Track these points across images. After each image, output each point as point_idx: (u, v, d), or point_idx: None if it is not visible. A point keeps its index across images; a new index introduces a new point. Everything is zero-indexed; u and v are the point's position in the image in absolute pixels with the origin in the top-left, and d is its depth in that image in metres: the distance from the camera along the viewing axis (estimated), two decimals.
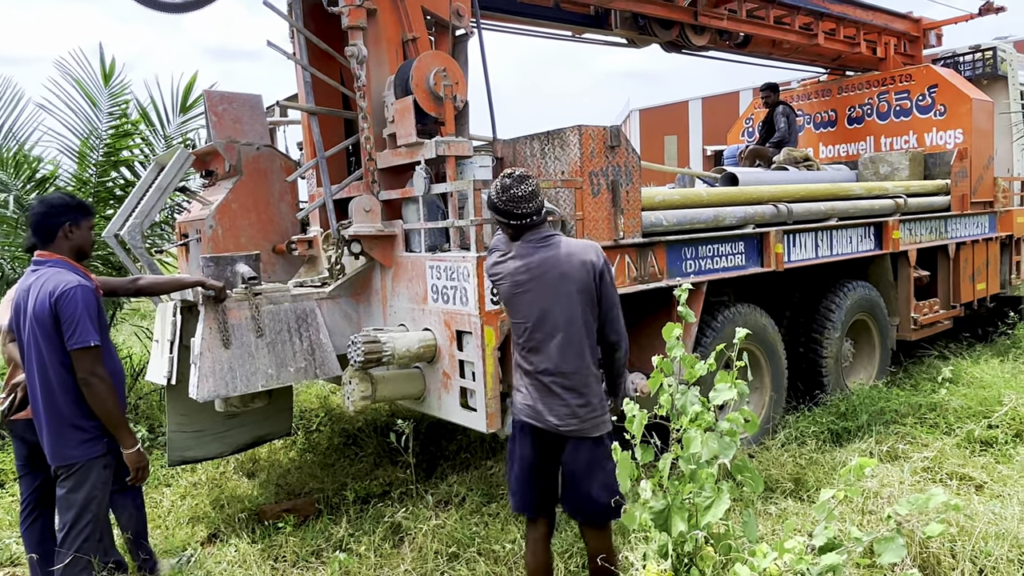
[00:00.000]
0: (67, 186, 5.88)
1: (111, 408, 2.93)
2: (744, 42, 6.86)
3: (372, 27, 4.02)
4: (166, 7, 4.30)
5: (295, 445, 5.26)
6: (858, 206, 5.83)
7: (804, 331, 5.70)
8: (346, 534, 3.70)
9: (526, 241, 2.75)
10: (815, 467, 4.12)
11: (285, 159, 4.95)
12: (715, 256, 4.79)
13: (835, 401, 5.24)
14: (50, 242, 2.95)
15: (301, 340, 4.00)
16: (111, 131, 6.01)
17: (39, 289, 2.85)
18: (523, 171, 2.78)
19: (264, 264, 4.80)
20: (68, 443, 2.91)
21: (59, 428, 2.90)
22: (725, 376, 2.16)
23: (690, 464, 1.94)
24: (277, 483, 4.63)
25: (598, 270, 2.68)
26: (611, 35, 6.28)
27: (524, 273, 2.72)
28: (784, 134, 7.21)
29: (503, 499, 3.91)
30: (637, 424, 2.11)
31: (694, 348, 4.60)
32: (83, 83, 5.90)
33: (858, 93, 7.72)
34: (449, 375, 3.74)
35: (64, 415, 2.89)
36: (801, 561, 1.88)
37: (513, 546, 3.37)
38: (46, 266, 2.93)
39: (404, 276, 4.00)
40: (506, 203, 2.71)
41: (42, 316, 2.81)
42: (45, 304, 2.80)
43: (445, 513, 3.82)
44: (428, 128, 3.89)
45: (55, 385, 2.88)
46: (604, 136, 4.00)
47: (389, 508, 3.93)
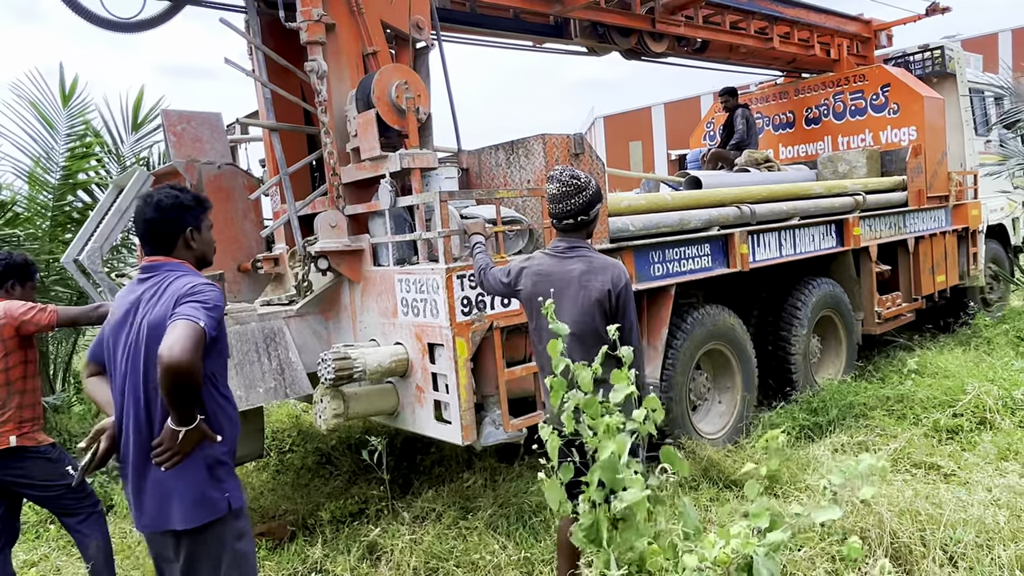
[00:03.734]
0: (25, 212, 5.73)
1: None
2: (702, 47, 6.98)
3: (331, 42, 4.00)
4: (119, 27, 4.23)
5: (268, 467, 5.18)
6: (819, 205, 5.96)
7: (772, 329, 5.79)
8: (322, 556, 3.64)
9: (551, 249, 2.76)
10: (789, 463, 4.17)
11: (248, 177, 4.90)
12: (682, 259, 4.85)
13: (806, 397, 5.32)
14: (167, 252, 2.33)
15: (270, 360, 3.94)
16: (67, 153, 5.89)
17: (161, 293, 2.19)
18: (565, 171, 2.76)
19: (230, 284, 4.74)
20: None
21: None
22: (619, 375, 2.07)
23: (608, 472, 1.86)
24: (250, 506, 4.54)
25: (616, 291, 2.66)
26: (571, 44, 6.33)
27: (545, 284, 2.71)
28: (743, 136, 7.34)
29: (479, 511, 3.90)
30: (551, 447, 2.00)
31: (665, 350, 4.64)
32: (39, 105, 5.78)
33: (814, 94, 7.90)
34: (423, 389, 3.72)
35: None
36: (747, 545, 1.89)
37: (492, 557, 3.36)
38: (163, 270, 2.27)
39: (373, 290, 3.97)
40: (549, 199, 2.75)
41: (164, 321, 2.10)
42: (170, 305, 2.13)
43: (422, 529, 3.78)
44: (392, 141, 3.87)
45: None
46: (568, 144, 4.03)
47: (365, 527, 3.88)
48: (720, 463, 4.29)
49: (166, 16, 4.33)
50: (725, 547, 1.85)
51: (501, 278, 2.91)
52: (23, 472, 3.20)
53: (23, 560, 4.00)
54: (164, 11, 4.29)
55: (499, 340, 3.68)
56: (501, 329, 3.70)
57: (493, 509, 3.88)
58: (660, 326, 4.62)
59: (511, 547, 3.45)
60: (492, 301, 3.64)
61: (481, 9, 5.59)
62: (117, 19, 4.19)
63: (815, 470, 4.00)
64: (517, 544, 3.50)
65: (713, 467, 4.28)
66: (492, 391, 3.72)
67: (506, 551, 3.41)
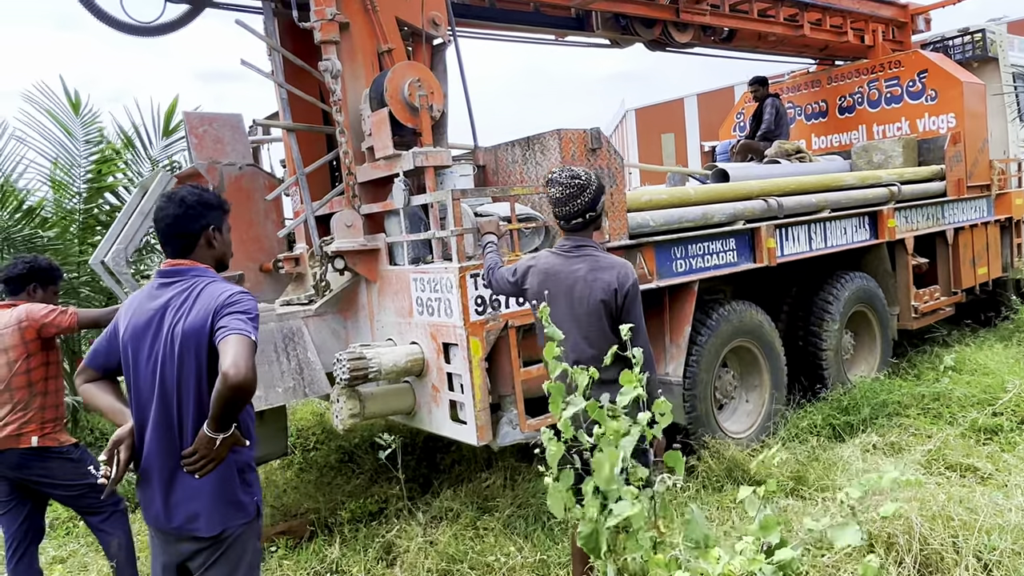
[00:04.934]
0: (53, 216, 5.87)
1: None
2: (729, 36, 6.81)
3: (346, 40, 3.99)
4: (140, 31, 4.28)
5: (292, 465, 5.21)
6: (851, 196, 5.77)
7: (803, 325, 5.63)
8: (339, 556, 3.64)
9: (558, 248, 2.72)
10: (816, 464, 4.04)
11: (269, 177, 4.92)
12: (706, 254, 4.74)
13: (836, 395, 5.16)
14: (187, 252, 2.27)
15: (289, 359, 3.96)
16: (91, 158, 6.02)
17: (192, 300, 2.14)
18: (564, 171, 2.73)
19: (252, 283, 4.77)
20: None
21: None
22: (628, 376, 1.98)
23: (608, 484, 1.76)
24: (273, 504, 4.57)
25: (623, 290, 2.61)
26: (594, 36, 6.24)
27: (550, 283, 2.68)
28: (771, 126, 7.15)
29: (497, 512, 3.86)
30: (552, 456, 1.90)
31: (689, 347, 4.54)
32: (55, 113, 5.93)
33: (848, 82, 7.66)
34: (438, 388, 3.69)
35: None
36: (754, 562, 1.79)
37: (507, 559, 3.31)
38: (190, 275, 2.21)
39: (389, 290, 3.96)
40: (551, 200, 2.72)
41: (203, 330, 2.08)
42: (209, 313, 2.09)
43: (438, 529, 3.76)
44: (406, 139, 3.85)
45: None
46: (584, 139, 3.96)
47: (383, 527, 3.87)
48: (744, 463, 4.18)
49: (186, 19, 4.36)
50: (729, 563, 1.75)
51: (508, 277, 2.87)
52: (46, 472, 3.26)
53: (52, 556, 4.09)
54: (183, 14, 4.33)
55: (515, 339, 3.63)
56: (516, 328, 3.65)
57: (511, 510, 3.84)
58: (683, 323, 4.52)
59: (527, 549, 3.40)
60: (507, 300, 3.59)
61: (500, 3, 5.54)
62: (137, 23, 4.25)
63: (843, 471, 3.86)
64: (534, 545, 3.45)
65: (737, 467, 4.17)
66: (508, 391, 3.68)
67: (522, 553, 3.36)
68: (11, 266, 3.47)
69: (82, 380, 2.32)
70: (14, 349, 3.24)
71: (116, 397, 2.29)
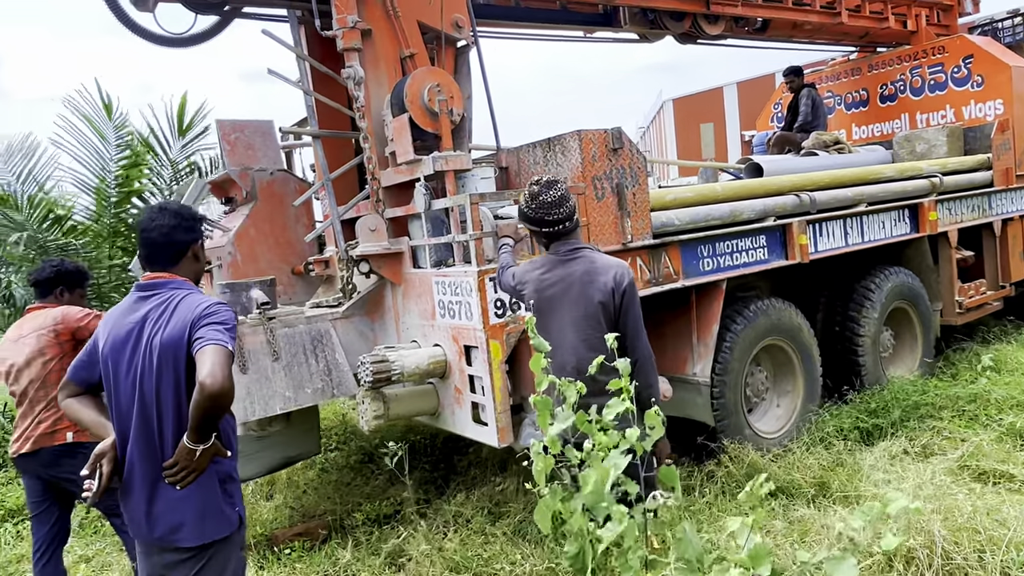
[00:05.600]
0: (84, 221, 6.06)
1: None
2: (763, 27, 6.67)
3: (368, 47, 4.05)
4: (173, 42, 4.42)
5: (314, 465, 5.28)
6: (889, 189, 5.60)
7: (840, 322, 5.49)
8: (352, 559, 3.69)
9: (553, 253, 2.72)
10: (841, 469, 3.93)
11: (299, 182, 5.04)
12: (734, 252, 4.66)
13: (864, 396, 5.02)
14: (174, 264, 2.30)
15: (317, 361, 4.05)
16: (120, 162, 6.16)
17: (170, 312, 2.17)
18: (551, 176, 2.74)
19: (284, 286, 4.90)
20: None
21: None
22: (618, 384, 1.94)
23: (593, 498, 1.73)
24: (291, 506, 4.66)
25: (620, 291, 2.61)
26: (622, 32, 6.18)
27: (547, 288, 2.68)
28: (807, 118, 6.98)
29: (508, 517, 3.86)
30: (540, 473, 1.88)
31: (717, 347, 4.47)
32: (92, 119, 6.07)
33: (890, 69, 7.42)
34: (460, 390, 3.74)
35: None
36: None
37: (514, 567, 3.31)
38: (168, 288, 2.23)
39: (413, 292, 4.02)
40: (536, 211, 2.68)
41: (180, 341, 2.12)
42: (186, 325, 2.12)
43: (449, 534, 3.77)
44: (428, 144, 3.89)
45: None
46: (606, 139, 3.94)
47: (396, 530, 3.90)
48: (764, 469, 4.07)
49: (215, 30, 4.48)
50: None
51: (509, 280, 2.89)
52: (74, 469, 3.40)
53: (79, 555, 4.19)
54: (213, 25, 4.45)
55: None
56: None
57: (523, 515, 3.83)
58: (710, 323, 4.46)
59: (536, 556, 3.39)
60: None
61: (526, 2, 5.53)
62: (170, 35, 4.38)
63: (867, 477, 3.75)
64: (545, 552, 3.43)
65: (757, 472, 4.05)
66: (530, 393, 3.70)
67: (530, 560, 3.35)
68: (39, 270, 3.63)
69: (65, 395, 2.35)
70: (50, 349, 3.39)
71: (98, 411, 2.32)
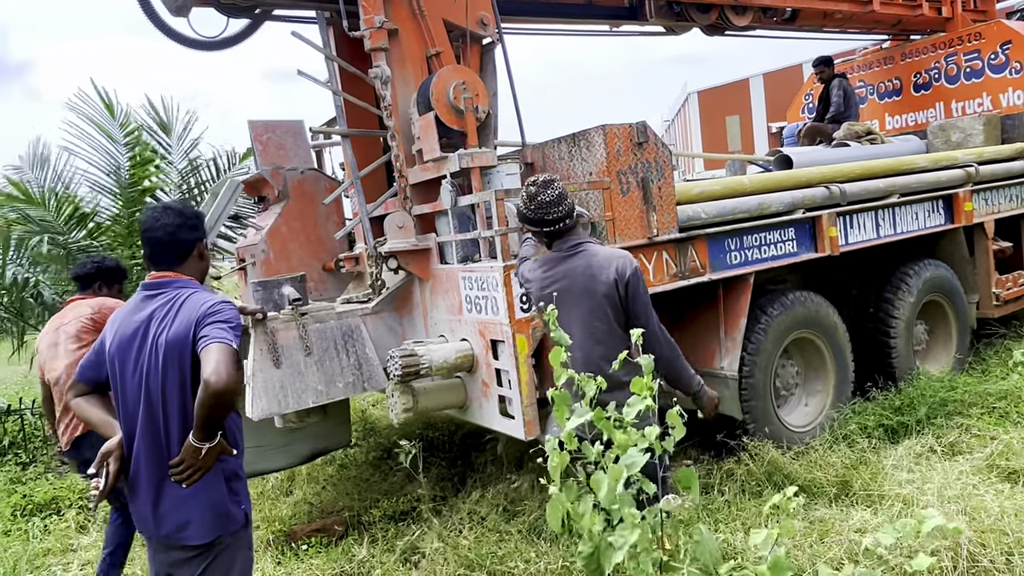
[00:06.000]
0: (104, 221, 6.19)
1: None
2: (792, 17, 6.59)
3: (395, 47, 4.11)
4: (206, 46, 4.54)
5: (334, 461, 5.32)
6: (923, 179, 5.49)
7: (871, 315, 5.42)
8: (368, 556, 3.72)
9: (556, 250, 2.76)
10: (864, 468, 3.86)
11: (329, 180, 5.14)
12: (763, 245, 4.64)
13: (890, 393, 4.92)
14: (179, 263, 2.33)
15: (348, 355, 4.14)
16: (129, 162, 6.24)
17: (175, 311, 2.19)
18: (547, 176, 2.77)
19: (316, 283, 5.00)
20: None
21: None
22: (639, 383, 1.89)
23: (608, 498, 1.68)
24: (310, 502, 4.71)
25: (623, 281, 2.63)
26: (648, 25, 6.16)
27: (551, 284, 2.72)
28: (839, 108, 6.88)
29: (523, 515, 3.87)
30: (555, 469, 1.84)
31: (745, 341, 4.46)
32: (97, 120, 6.13)
33: (924, 58, 7.27)
34: (487, 384, 3.79)
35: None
36: None
37: (528, 565, 3.30)
38: (173, 287, 2.27)
39: (440, 288, 4.08)
40: (535, 211, 2.72)
41: (186, 340, 2.14)
42: (191, 323, 2.15)
43: (463, 532, 3.79)
44: (454, 141, 3.94)
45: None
46: (630, 134, 3.95)
47: (412, 527, 3.94)
48: (784, 467, 4.02)
49: (247, 33, 4.60)
50: None
51: (522, 273, 2.94)
52: None
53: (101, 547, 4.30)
54: (244, 28, 4.56)
55: None
56: None
57: (538, 513, 3.82)
58: (738, 316, 4.44)
59: (550, 554, 3.38)
60: None
61: None
62: (204, 39, 4.50)
63: (891, 476, 3.67)
64: (560, 550, 3.40)
65: (777, 471, 4.00)
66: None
67: (544, 559, 3.33)
68: (81, 265, 3.87)
69: (73, 394, 2.36)
70: (86, 334, 3.57)
71: (105, 410, 2.34)
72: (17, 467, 5.66)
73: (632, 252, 3.90)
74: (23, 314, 6.40)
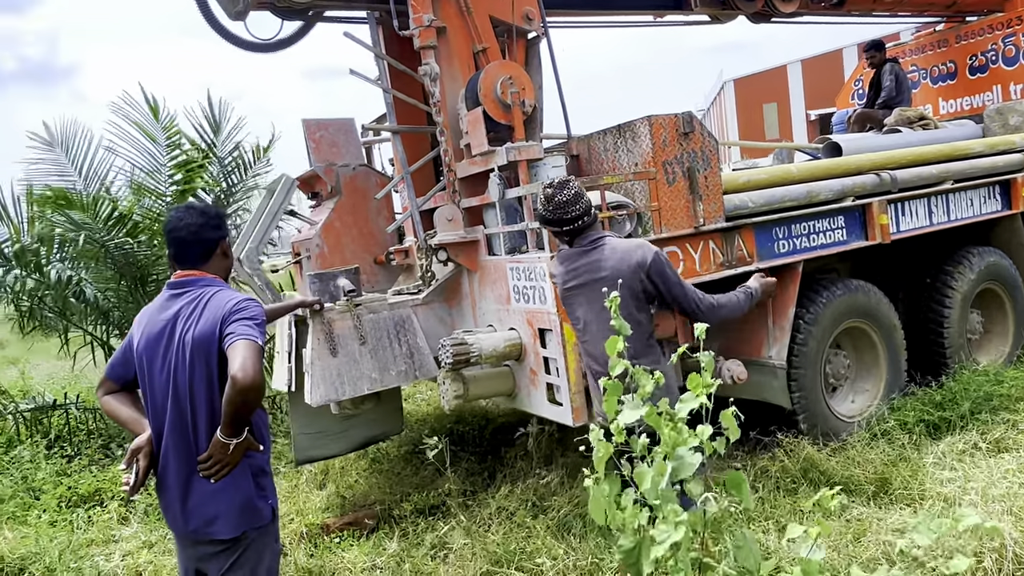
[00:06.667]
0: (142, 220, 6.28)
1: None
2: (840, 1, 6.47)
3: (443, 44, 4.21)
4: (262, 48, 4.72)
5: (367, 454, 5.37)
6: (978, 165, 5.38)
7: (924, 304, 5.33)
8: (398, 549, 3.78)
9: (577, 246, 2.84)
10: (904, 465, 3.79)
11: (379, 176, 5.28)
12: (811, 233, 4.61)
13: (931, 389, 4.80)
14: (204, 262, 2.38)
15: (400, 345, 4.27)
16: (174, 163, 6.35)
17: (201, 308, 2.25)
18: (562, 177, 2.87)
19: (368, 275, 5.16)
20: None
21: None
22: (695, 379, 1.86)
23: (651, 498, 1.70)
24: (343, 495, 4.80)
25: (645, 268, 2.71)
26: (693, 14, 6.13)
27: (573, 279, 2.81)
28: (891, 93, 6.73)
29: (552, 511, 3.88)
30: (600, 460, 1.83)
31: (793, 330, 4.44)
32: (140, 123, 6.22)
33: (980, 39, 7.06)
34: (535, 372, 3.88)
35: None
36: None
37: (556, 562, 3.30)
38: (198, 285, 2.32)
39: (489, 279, 4.18)
40: (554, 212, 2.81)
41: (212, 337, 2.20)
42: (217, 321, 2.20)
43: (491, 528, 3.81)
44: (501, 135, 4.03)
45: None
46: (676, 124, 3.98)
47: (440, 522, 3.99)
48: (821, 464, 3.96)
49: (300, 35, 4.76)
50: None
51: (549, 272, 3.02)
52: None
53: (143, 540, 4.35)
54: (298, 30, 4.72)
55: None
56: None
57: (568, 508, 3.84)
58: (786, 305, 4.42)
59: (579, 551, 3.38)
60: None
61: None
62: (260, 41, 4.68)
63: (931, 474, 3.61)
64: (589, 547, 3.40)
65: (813, 468, 3.94)
66: None
67: (572, 556, 3.34)
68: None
69: (102, 392, 2.43)
70: None
71: (134, 407, 2.39)
72: (63, 460, 5.81)
73: (678, 242, 3.99)
74: (67, 312, 6.56)
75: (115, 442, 6.03)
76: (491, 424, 5.39)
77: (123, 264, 6.24)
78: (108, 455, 5.93)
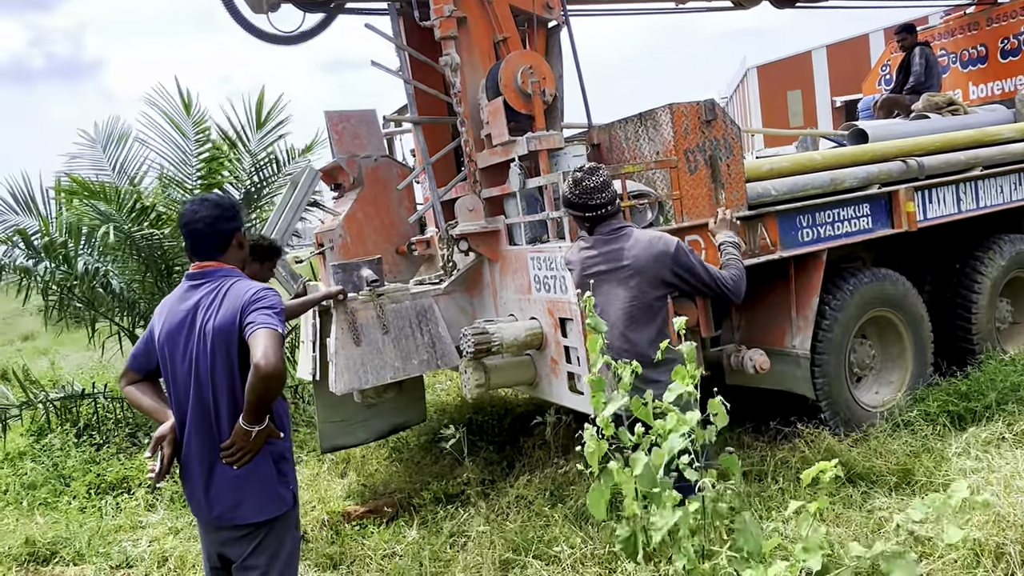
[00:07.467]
0: (167, 211, 6.36)
1: None
2: None
3: (463, 34, 4.22)
4: (285, 40, 4.76)
5: (387, 443, 5.41)
6: (1009, 151, 5.26)
7: (951, 293, 5.25)
8: (418, 537, 3.83)
9: (599, 233, 2.84)
10: (927, 455, 3.73)
11: (401, 167, 5.31)
12: (836, 222, 4.56)
13: (957, 379, 4.71)
14: (221, 253, 2.40)
15: (422, 334, 4.31)
16: (201, 156, 6.41)
17: (220, 298, 2.28)
18: (592, 164, 2.87)
19: (390, 265, 5.20)
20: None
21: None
22: (681, 371, 1.86)
23: (646, 483, 1.72)
24: (363, 483, 4.85)
25: (669, 257, 2.72)
26: (716, 1, 6.08)
27: (592, 266, 2.82)
28: (920, 78, 6.60)
29: (569, 500, 3.90)
30: (592, 455, 1.86)
31: (817, 319, 4.40)
32: (172, 116, 6.30)
33: (1012, 22, 6.88)
34: (556, 361, 3.89)
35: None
36: None
37: (574, 550, 3.30)
38: (217, 276, 2.34)
39: (509, 268, 4.20)
40: (580, 196, 2.81)
41: (232, 326, 2.23)
42: (236, 310, 2.23)
43: (509, 516, 3.83)
44: (522, 125, 4.03)
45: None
46: (698, 112, 3.95)
47: (459, 510, 4.02)
48: (842, 454, 3.89)
49: (322, 27, 4.79)
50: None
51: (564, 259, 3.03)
52: None
53: (168, 527, 4.42)
54: (319, 23, 4.76)
55: None
56: None
57: (585, 498, 3.84)
58: (810, 294, 4.38)
59: (597, 540, 3.37)
60: None
61: None
62: (282, 34, 4.72)
63: (955, 465, 3.55)
64: (606, 536, 3.37)
65: (834, 458, 3.89)
66: None
67: (590, 544, 3.34)
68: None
69: (125, 382, 2.48)
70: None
71: (157, 397, 2.44)
72: (92, 448, 5.93)
73: (700, 230, 3.96)
74: (94, 303, 6.68)
75: (142, 431, 6.15)
76: (510, 414, 5.41)
77: (148, 255, 6.35)
78: (135, 443, 6.04)
